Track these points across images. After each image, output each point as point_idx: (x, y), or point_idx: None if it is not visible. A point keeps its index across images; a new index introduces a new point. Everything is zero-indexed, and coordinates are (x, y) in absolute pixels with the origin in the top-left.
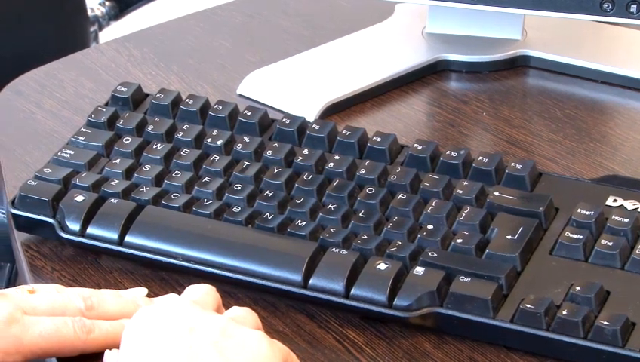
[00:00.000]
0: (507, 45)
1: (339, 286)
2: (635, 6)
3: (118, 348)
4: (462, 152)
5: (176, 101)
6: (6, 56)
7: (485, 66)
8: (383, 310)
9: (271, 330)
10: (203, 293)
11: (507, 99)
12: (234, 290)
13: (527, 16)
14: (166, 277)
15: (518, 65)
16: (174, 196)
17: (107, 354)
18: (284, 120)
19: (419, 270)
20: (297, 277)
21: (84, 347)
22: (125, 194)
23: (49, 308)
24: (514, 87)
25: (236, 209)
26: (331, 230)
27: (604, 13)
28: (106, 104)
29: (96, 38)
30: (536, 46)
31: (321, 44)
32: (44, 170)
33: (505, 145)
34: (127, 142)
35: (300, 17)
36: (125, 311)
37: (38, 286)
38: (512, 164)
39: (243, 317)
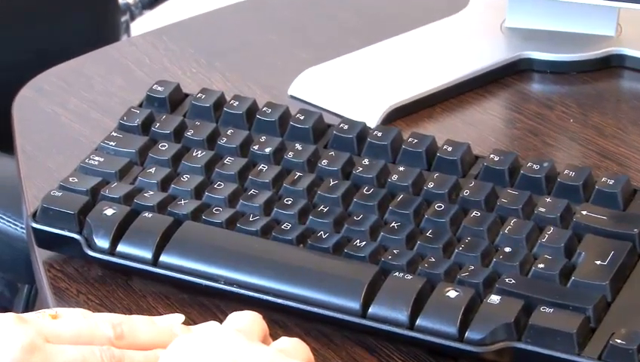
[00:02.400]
0: (599, 42)
1: (402, 315)
2: None
3: None
4: (545, 165)
5: (220, 102)
6: (27, 51)
7: (573, 66)
8: (452, 344)
9: None
10: (248, 321)
11: (598, 104)
12: (283, 318)
13: (622, 10)
14: (206, 303)
15: (611, 65)
16: (216, 210)
17: None
18: (341, 125)
19: (494, 299)
20: (355, 305)
21: None
22: (161, 207)
23: (74, 336)
24: (606, 91)
25: (286, 226)
26: (394, 251)
27: None
28: (140, 105)
29: (127, 30)
30: (633, 44)
31: (384, 39)
32: (70, 179)
33: (595, 157)
34: (164, 148)
35: (360, 9)
36: (159, 341)
37: (62, 311)
38: (603, 179)
39: (293, 349)
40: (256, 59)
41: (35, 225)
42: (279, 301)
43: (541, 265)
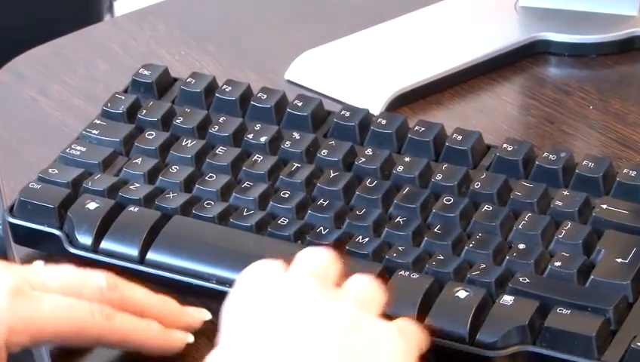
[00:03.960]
0: (620, 23)
1: (409, 317)
2: None
3: (137, 343)
4: (562, 155)
5: (211, 88)
6: (3, 32)
7: (592, 49)
8: (462, 347)
9: None
10: (323, 264)
11: (619, 89)
12: None
13: None
14: (197, 304)
15: (634, 47)
16: (207, 204)
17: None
18: (342, 112)
19: (507, 299)
20: None
21: (101, 334)
22: (148, 201)
23: (63, 286)
24: (628, 75)
25: (283, 221)
26: (400, 249)
27: None
28: (125, 90)
29: (110, 9)
30: None
31: (389, 19)
32: (50, 170)
33: (616, 146)
34: (151, 137)
35: None
36: (154, 306)
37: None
38: (625, 171)
39: (369, 297)
40: (251, 40)
41: (12, 220)
42: None
43: (558, 263)
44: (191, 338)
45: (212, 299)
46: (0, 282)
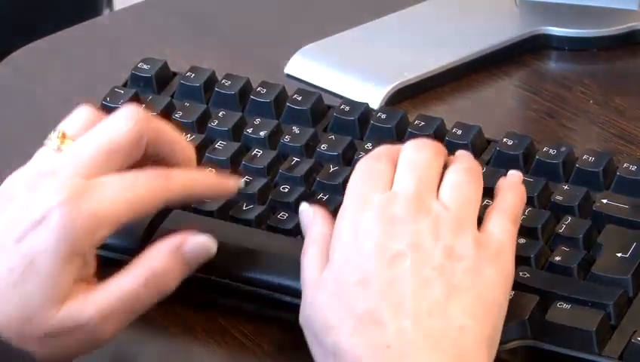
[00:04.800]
0: (621, 17)
1: None
2: None
3: (200, 193)
4: (562, 150)
5: (211, 82)
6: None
7: (593, 43)
8: None
9: None
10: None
11: (620, 84)
12: (279, 314)
13: None
14: (195, 298)
15: (635, 41)
16: None
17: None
18: (342, 107)
19: None
20: None
21: (167, 196)
22: None
23: (104, 151)
24: (629, 69)
25: (282, 215)
26: None
27: None
28: (125, 85)
29: (109, 3)
30: None
31: (389, 13)
32: None
33: (616, 141)
34: None
35: None
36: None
37: (67, 127)
38: (625, 165)
39: (466, 208)
40: (251, 34)
41: None
42: (276, 295)
43: (558, 258)
44: (242, 183)
45: (212, 292)
46: (52, 192)
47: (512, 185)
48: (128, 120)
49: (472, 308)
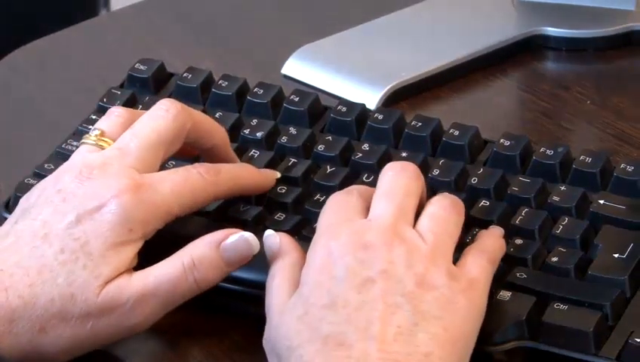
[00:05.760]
0: (618, 17)
1: None
2: None
3: (244, 187)
4: (560, 150)
5: (208, 83)
6: None
7: (590, 43)
8: None
9: None
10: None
11: (617, 84)
12: None
13: None
14: (197, 301)
15: (632, 42)
16: None
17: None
18: (339, 107)
19: (504, 294)
20: None
21: (216, 191)
22: None
23: (153, 148)
24: (626, 70)
25: (280, 216)
26: None
27: None
28: (121, 85)
29: (106, 4)
30: None
31: (386, 13)
32: (46, 165)
33: (613, 141)
34: None
35: None
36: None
37: (105, 125)
38: (622, 166)
39: (444, 242)
40: (248, 35)
41: (8, 216)
42: None
43: (555, 259)
44: (278, 174)
45: (213, 294)
46: (110, 182)
47: (494, 233)
48: (170, 112)
49: (440, 337)
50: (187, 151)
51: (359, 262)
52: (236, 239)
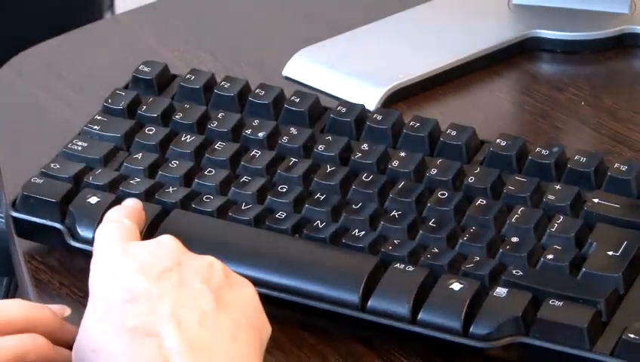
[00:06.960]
0: (612, 20)
1: (403, 309)
2: None
3: None
4: (555, 150)
5: (210, 84)
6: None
7: (585, 46)
8: (456, 339)
9: (321, 361)
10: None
11: (611, 85)
12: (278, 312)
13: None
14: None
15: (625, 44)
16: (206, 198)
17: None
18: (339, 108)
19: (501, 291)
20: (354, 298)
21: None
22: (148, 195)
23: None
24: (620, 72)
25: (281, 215)
26: (395, 242)
27: None
28: (126, 87)
29: (111, 7)
30: None
31: (384, 16)
32: (52, 165)
33: (608, 141)
34: (151, 133)
35: None
36: (32, 316)
37: None
38: (616, 165)
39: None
40: (249, 37)
41: (15, 214)
42: (274, 293)
43: (550, 256)
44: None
45: None
46: None
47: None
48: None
49: (242, 322)
50: None
51: (152, 256)
52: None
